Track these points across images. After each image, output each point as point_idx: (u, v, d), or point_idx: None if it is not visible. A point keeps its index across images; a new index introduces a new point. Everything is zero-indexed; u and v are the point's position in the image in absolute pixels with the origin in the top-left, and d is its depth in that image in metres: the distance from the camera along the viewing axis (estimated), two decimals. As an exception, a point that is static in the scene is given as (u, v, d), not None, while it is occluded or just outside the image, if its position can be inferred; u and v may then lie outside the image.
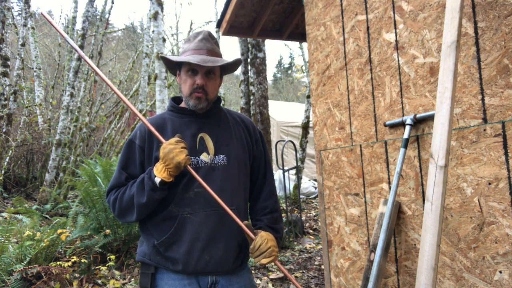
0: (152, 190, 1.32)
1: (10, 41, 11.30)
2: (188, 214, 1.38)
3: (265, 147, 1.63)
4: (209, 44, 1.46)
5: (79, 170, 5.57)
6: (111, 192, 1.45)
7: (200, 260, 1.37)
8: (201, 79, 1.42)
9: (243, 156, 1.51)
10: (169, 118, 1.50)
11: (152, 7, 4.37)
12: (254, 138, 1.59)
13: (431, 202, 1.35)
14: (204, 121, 1.49)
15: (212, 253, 1.38)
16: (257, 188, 1.60)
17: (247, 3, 3.57)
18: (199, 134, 1.46)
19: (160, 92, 4.18)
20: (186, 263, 1.37)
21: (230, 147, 1.48)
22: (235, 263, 1.44)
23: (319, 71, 2.47)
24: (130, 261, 4.17)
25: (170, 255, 1.38)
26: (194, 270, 1.38)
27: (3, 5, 6.82)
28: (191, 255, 1.36)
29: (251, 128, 1.61)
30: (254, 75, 6.64)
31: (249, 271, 1.56)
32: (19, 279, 3.10)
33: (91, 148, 11.21)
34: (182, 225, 1.37)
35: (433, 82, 1.65)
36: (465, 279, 1.51)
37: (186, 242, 1.37)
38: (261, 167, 1.60)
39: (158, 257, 1.40)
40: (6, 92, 7.08)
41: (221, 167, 1.43)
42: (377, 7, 1.97)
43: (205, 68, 1.42)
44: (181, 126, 1.47)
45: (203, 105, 1.45)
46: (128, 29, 22.48)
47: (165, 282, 1.40)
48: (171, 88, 14.91)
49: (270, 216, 1.52)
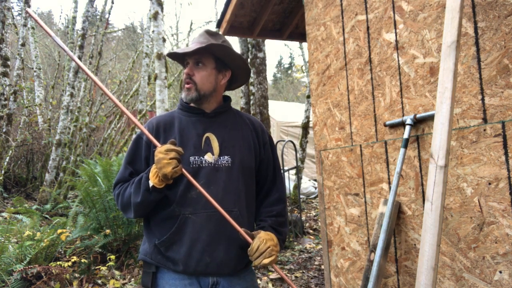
0: (147, 191, 1.32)
1: (10, 41, 11.30)
2: (189, 214, 1.37)
3: (274, 152, 1.61)
4: (202, 38, 1.47)
5: (79, 170, 5.58)
6: (116, 186, 1.47)
7: (201, 261, 1.36)
8: (188, 69, 1.45)
9: (249, 159, 1.49)
10: (178, 116, 1.51)
11: (152, 7, 4.37)
12: (262, 141, 1.57)
13: (431, 202, 1.35)
14: (211, 121, 1.49)
15: (213, 254, 1.37)
16: (264, 192, 1.57)
17: (247, 3, 3.57)
18: (205, 133, 1.45)
19: (160, 92, 4.18)
20: (186, 264, 1.36)
21: (236, 148, 1.47)
22: (238, 265, 1.42)
23: (319, 71, 2.47)
24: (130, 261, 4.17)
25: (170, 255, 1.38)
26: (195, 271, 1.37)
27: (3, 5, 6.82)
28: (192, 256, 1.36)
29: (260, 131, 1.59)
30: (254, 75, 6.64)
31: (252, 273, 1.54)
32: (19, 279, 3.10)
33: (91, 148, 11.21)
34: (183, 225, 1.37)
35: (433, 82, 1.65)
36: (465, 279, 1.51)
37: (186, 242, 1.36)
38: (269, 171, 1.57)
39: (159, 257, 1.40)
40: (6, 92, 7.08)
41: (225, 168, 1.43)
42: (377, 7, 1.97)
43: (193, 59, 1.45)
44: (188, 125, 1.47)
45: (193, 96, 1.44)
46: (128, 29, 22.47)
47: (166, 282, 1.40)
48: (171, 88, 14.91)
49: (275, 219, 1.50)
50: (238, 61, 1.51)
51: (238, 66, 1.53)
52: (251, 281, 1.50)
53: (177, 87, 14.69)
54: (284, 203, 1.58)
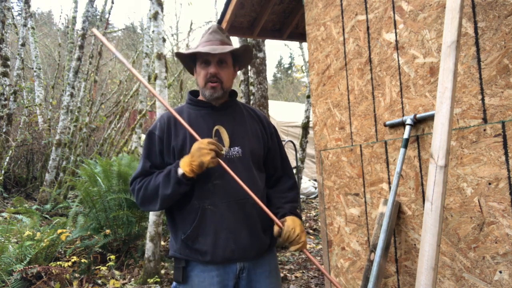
0: (177, 183, 1.37)
1: (10, 41, 11.30)
2: (208, 205, 1.43)
3: (280, 142, 1.68)
4: (218, 35, 1.53)
5: (79, 170, 5.57)
6: (135, 180, 1.51)
7: (227, 248, 1.42)
8: (213, 68, 1.49)
9: (258, 148, 1.55)
10: (187, 110, 1.57)
11: (152, 7, 4.37)
12: (269, 132, 1.64)
13: (431, 202, 1.35)
14: (220, 114, 1.55)
15: (238, 241, 1.43)
16: (274, 180, 1.64)
17: (247, 3, 3.57)
18: (214, 126, 1.52)
19: (160, 92, 4.18)
20: (214, 253, 1.43)
21: (245, 139, 1.53)
22: (261, 248, 1.49)
23: (319, 71, 2.47)
24: (130, 261, 4.17)
25: (198, 247, 1.44)
26: (223, 259, 1.44)
27: (3, 5, 6.82)
28: (218, 245, 1.42)
29: (265, 122, 1.66)
30: (254, 75, 6.63)
31: (274, 256, 1.61)
32: (19, 279, 3.10)
33: (91, 148, 11.21)
34: (203, 217, 1.43)
35: (433, 82, 1.64)
36: (465, 279, 1.51)
37: (210, 233, 1.42)
38: (277, 160, 1.64)
39: (187, 251, 1.47)
40: (6, 92, 7.08)
41: (236, 159, 1.49)
42: (377, 7, 1.97)
43: (217, 58, 1.49)
44: (197, 118, 1.53)
45: (219, 94, 1.51)
46: (128, 29, 22.47)
47: (195, 274, 1.47)
48: (171, 88, 14.91)
49: (291, 205, 1.55)
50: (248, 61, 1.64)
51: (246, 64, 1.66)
52: (274, 263, 1.59)
53: (177, 87, 14.68)
54: (297, 189, 1.66)
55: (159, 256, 3.87)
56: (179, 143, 1.48)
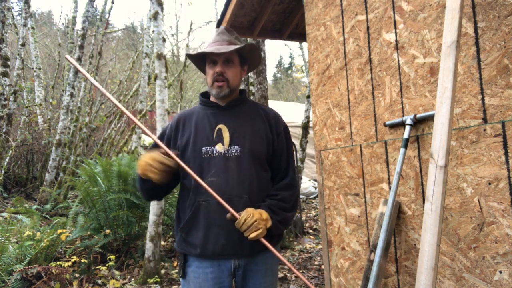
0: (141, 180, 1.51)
1: (10, 41, 11.30)
2: (203, 201, 1.49)
3: (288, 142, 1.69)
4: (225, 36, 1.59)
5: (79, 170, 5.57)
6: None
7: (217, 243, 1.46)
8: (219, 67, 1.54)
9: (260, 148, 1.57)
10: (197, 110, 1.66)
11: (152, 7, 4.37)
12: (276, 131, 1.65)
13: (431, 202, 1.35)
14: (224, 113, 1.61)
15: (229, 237, 1.46)
16: (277, 180, 1.65)
17: (247, 3, 3.57)
18: (217, 125, 1.57)
19: (160, 92, 4.18)
20: (204, 247, 1.47)
21: (246, 138, 1.56)
22: (256, 247, 1.49)
23: (319, 71, 2.47)
24: (130, 261, 4.17)
25: (190, 240, 1.51)
26: (213, 253, 1.47)
27: (3, 5, 6.82)
28: (208, 240, 1.46)
29: (274, 121, 1.67)
30: (254, 75, 6.63)
31: (273, 256, 1.58)
32: (19, 279, 3.10)
33: (91, 148, 11.20)
34: (197, 212, 1.49)
35: (433, 82, 1.65)
36: (465, 279, 1.51)
37: (202, 227, 1.48)
38: (283, 161, 1.65)
39: (184, 244, 1.54)
40: (6, 92, 7.08)
41: (235, 157, 1.52)
42: (377, 7, 1.97)
43: (223, 57, 1.55)
44: (203, 118, 1.61)
45: (225, 92, 1.56)
46: (128, 29, 22.47)
47: (192, 270, 1.52)
48: (171, 88, 14.90)
49: (276, 202, 1.54)
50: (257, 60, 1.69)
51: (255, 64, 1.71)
52: (271, 262, 1.59)
53: (177, 87, 14.68)
54: (292, 190, 1.63)
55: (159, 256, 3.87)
56: (184, 142, 1.57)
